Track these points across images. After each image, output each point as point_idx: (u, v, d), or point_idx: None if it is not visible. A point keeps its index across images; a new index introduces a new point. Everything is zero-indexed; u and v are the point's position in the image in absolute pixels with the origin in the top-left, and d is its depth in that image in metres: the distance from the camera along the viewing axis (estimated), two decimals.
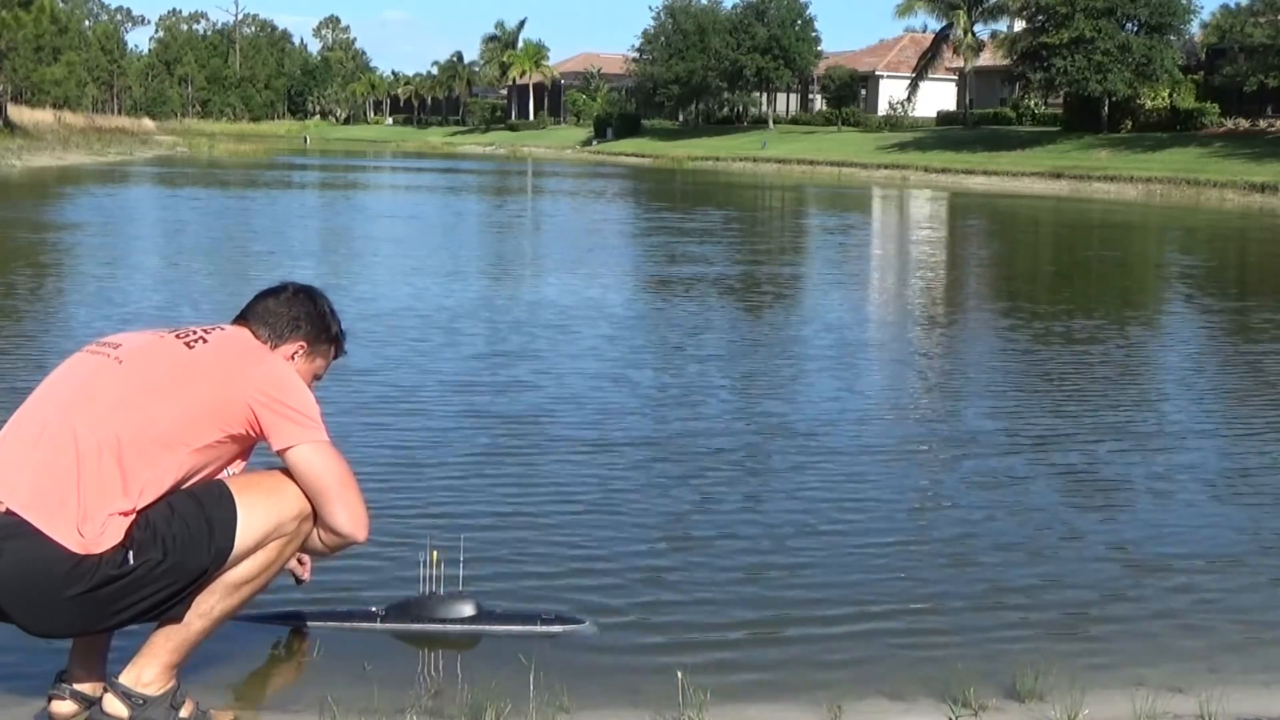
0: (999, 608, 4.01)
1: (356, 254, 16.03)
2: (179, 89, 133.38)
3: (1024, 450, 6.14)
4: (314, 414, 2.93)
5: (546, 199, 32.90)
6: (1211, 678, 3.44)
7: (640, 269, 15.24)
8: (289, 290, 3.16)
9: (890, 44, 77.09)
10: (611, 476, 5.42)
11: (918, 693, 3.34)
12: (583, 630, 3.69)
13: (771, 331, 10.37)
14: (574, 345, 8.85)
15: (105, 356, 2.92)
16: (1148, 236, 24.67)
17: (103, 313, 9.77)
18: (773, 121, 71.08)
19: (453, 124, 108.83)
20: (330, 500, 2.93)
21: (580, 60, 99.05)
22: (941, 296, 13.48)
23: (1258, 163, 40.34)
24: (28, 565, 2.67)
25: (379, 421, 6.30)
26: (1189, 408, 7.38)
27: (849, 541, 4.64)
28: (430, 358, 8.20)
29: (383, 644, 3.55)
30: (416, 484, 5.21)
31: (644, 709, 3.19)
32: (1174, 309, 12.91)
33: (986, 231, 24.50)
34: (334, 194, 31.54)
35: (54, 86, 63.08)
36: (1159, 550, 4.61)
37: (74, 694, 2.97)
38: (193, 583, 2.82)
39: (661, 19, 75.11)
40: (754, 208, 30.95)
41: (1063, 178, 42.93)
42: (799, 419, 6.71)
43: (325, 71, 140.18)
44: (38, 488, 2.72)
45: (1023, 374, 8.47)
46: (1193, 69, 52.16)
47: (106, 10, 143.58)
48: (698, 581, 4.17)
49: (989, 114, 60.06)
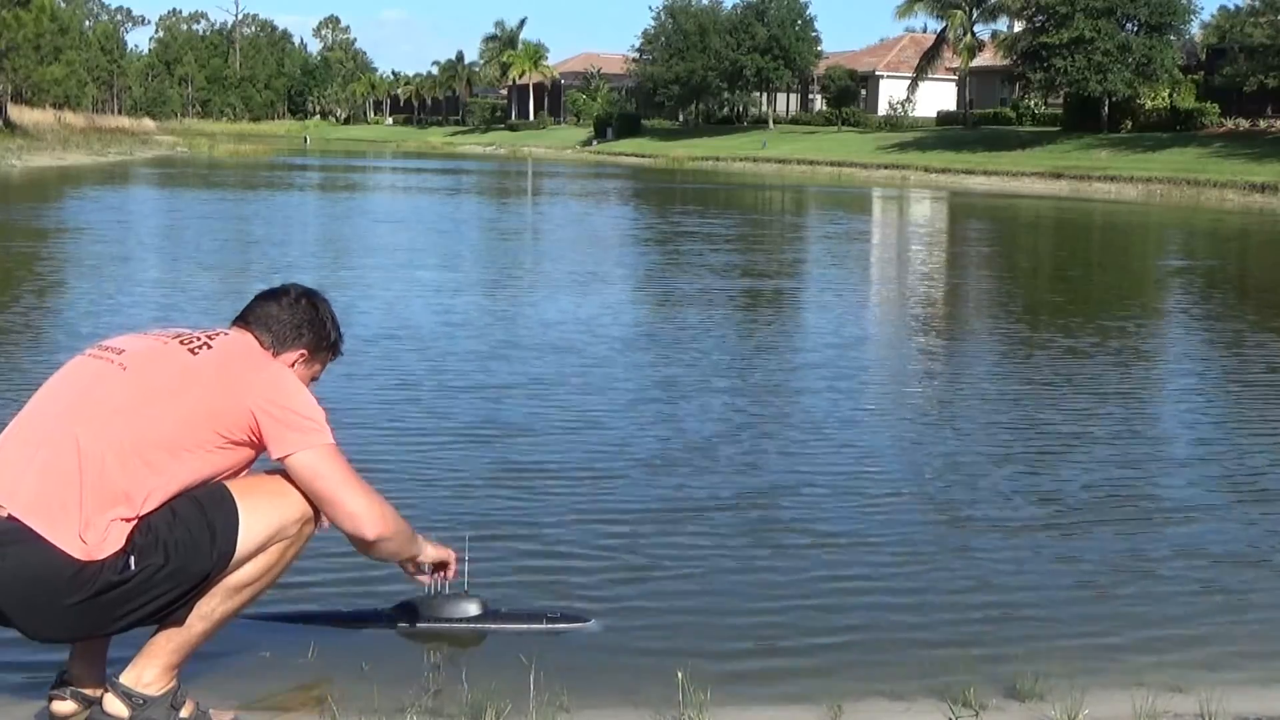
0: (999, 607, 4.01)
1: (356, 255, 16.02)
2: (179, 89, 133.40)
3: (1024, 450, 6.13)
4: (319, 418, 2.92)
5: (546, 200, 32.88)
6: (1211, 678, 3.44)
7: (642, 273, 15.23)
8: (292, 295, 3.14)
9: (890, 44, 77.10)
10: (613, 477, 5.43)
11: (918, 693, 3.34)
12: (589, 628, 3.69)
13: (773, 334, 10.37)
14: (575, 346, 8.85)
15: (108, 361, 2.91)
16: (1171, 237, 24.65)
17: (102, 313, 9.76)
18: (773, 121, 71.07)
19: (453, 124, 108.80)
20: (331, 505, 2.92)
21: (580, 60, 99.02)
22: (974, 302, 13.47)
23: (1258, 163, 40.34)
24: (29, 571, 2.67)
25: (381, 422, 6.30)
26: (1192, 409, 7.38)
27: (849, 541, 4.64)
28: (433, 358, 8.20)
29: (383, 644, 3.55)
30: (421, 483, 5.20)
31: (644, 709, 3.19)
32: (1176, 312, 12.91)
33: (1006, 234, 24.48)
34: (334, 195, 31.52)
35: (54, 86, 63.00)
36: (1159, 550, 4.61)
37: (75, 694, 2.96)
38: (195, 587, 2.82)
39: (661, 19, 75.11)
40: (756, 209, 30.93)
41: (1063, 178, 42.93)
42: (799, 420, 6.71)
43: (325, 71, 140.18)
44: (40, 493, 2.71)
45: (1024, 374, 8.47)
46: (1193, 69, 52.17)
47: (106, 10, 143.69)
48: (698, 581, 4.18)
49: (989, 114, 60.07)
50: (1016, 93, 58.87)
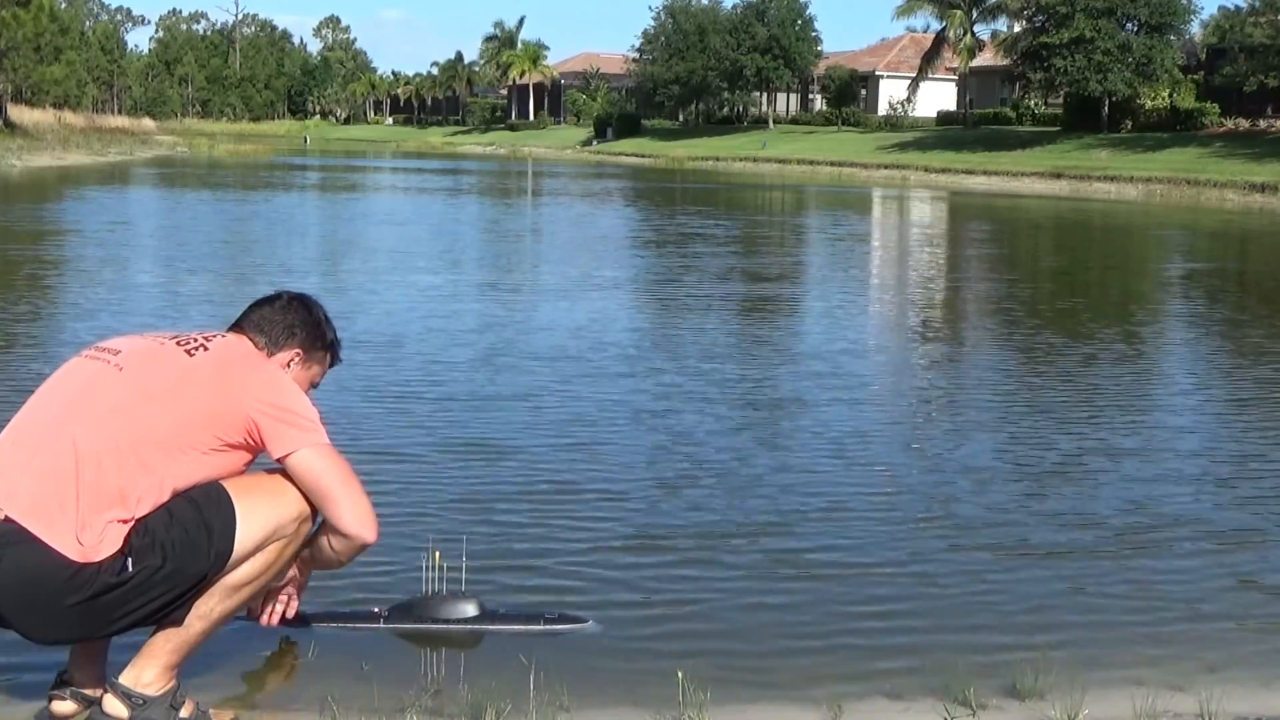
0: (999, 607, 4.01)
1: (359, 256, 16.03)
2: (179, 89, 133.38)
3: (1025, 451, 6.13)
4: (313, 417, 2.93)
5: (547, 200, 32.88)
6: (1211, 677, 3.44)
7: (644, 276, 15.23)
8: (283, 298, 3.18)
9: (890, 44, 77.10)
10: (614, 476, 5.42)
11: (918, 693, 3.34)
12: (586, 629, 3.69)
13: (776, 337, 10.37)
14: (576, 348, 8.85)
15: (104, 363, 2.91)
16: (1177, 239, 24.65)
17: (100, 314, 9.76)
18: (773, 121, 71.08)
19: (453, 124, 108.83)
20: (334, 502, 2.92)
21: (580, 60, 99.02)
22: (986, 307, 13.46)
23: (1258, 163, 40.33)
24: (27, 573, 2.67)
25: (380, 422, 6.30)
26: (1196, 410, 7.38)
27: (848, 541, 4.64)
28: (431, 364, 8.20)
29: (383, 644, 3.55)
30: (418, 484, 5.20)
31: (644, 709, 3.19)
32: (1193, 317, 12.90)
33: (1010, 235, 24.48)
34: (334, 195, 31.52)
35: (54, 86, 63.02)
36: (1159, 550, 4.61)
37: (74, 694, 2.96)
38: (193, 587, 2.82)
39: (661, 19, 75.12)
40: (757, 210, 30.93)
41: (1063, 178, 42.93)
42: (800, 421, 6.70)
43: (325, 71, 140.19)
44: (37, 494, 2.71)
45: (1027, 374, 8.47)
46: (1193, 69, 52.16)
47: (106, 10, 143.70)
48: (698, 581, 4.17)
49: (989, 114, 60.07)
50: (1016, 93, 58.87)
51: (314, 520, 2.99)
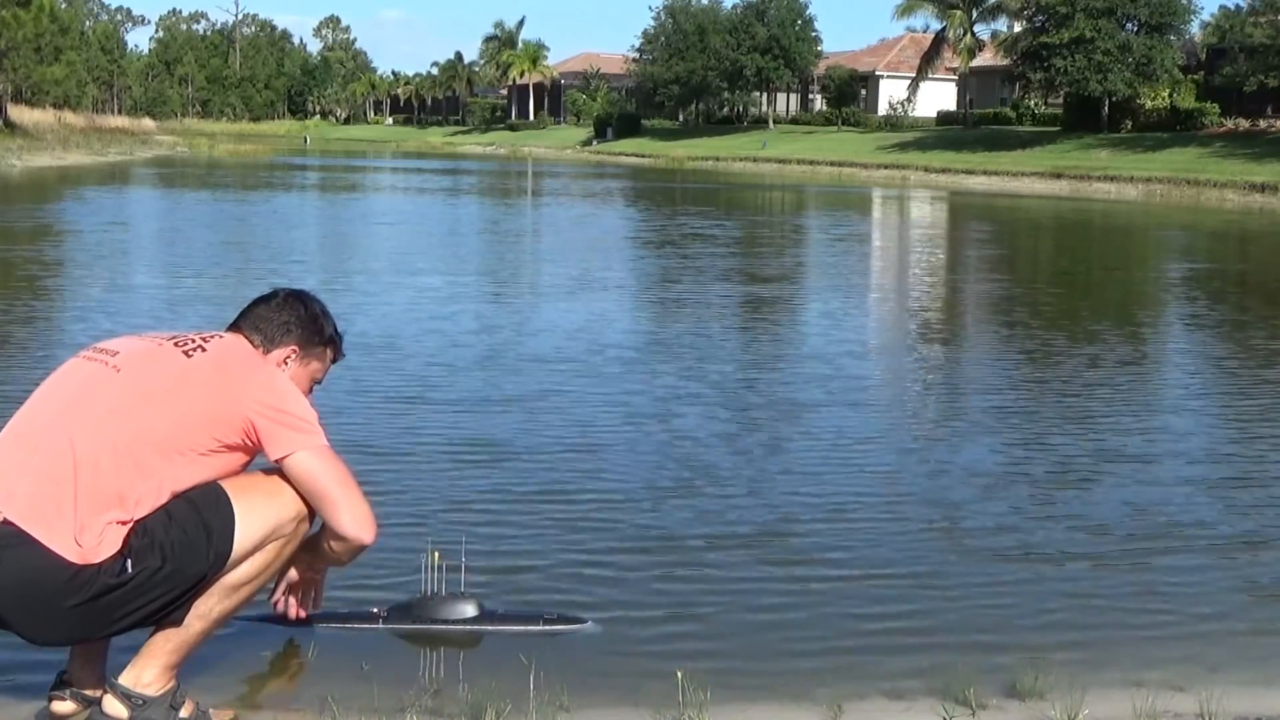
0: (999, 607, 4.01)
1: (360, 258, 16.03)
2: (179, 89, 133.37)
3: (1025, 451, 6.13)
4: (311, 419, 2.92)
5: (547, 200, 32.88)
6: (1211, 677, 3.44)
7: (645, 277, 15.23)
8: (279, 296, 3.17)
9: (890, 44, 77.10)
10: (612, 478, 5.42)
11: (918, 693, 3.34)
12: (585, 629, 3.69)
13: (776, 339, 10.37)
14: (576, 349, 8.85)
15: (102, 364, 2.91)
16: (1178, 239, 24.65)
17: (98, 315, 9.76)
18: (773, 121, 71.08)
19: (453, 124, 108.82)
20: (332, 504, 2.92)
21: (580, 60, 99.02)
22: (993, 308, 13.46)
23: (1258, 163, 40.33)
24: (26, 575, 2.67)
25: (380, 423, 6.30)
26: (1196, 412, 7.38)
27: (848, 542, 4.64)
28: (433, 361, 8.20)
29: (383, 644, 3.55)
30: (418, 485, 5.20)
31: (644, 709, 3.19)
32: (1198, 318, 12.90)
33: (1011, 235, 24.48)
34: (335, 195, 31.52)
35: (54, 86, 63.02)
36: (1159, 551, 4.61)
37: (74, 694, 2.96)
38: (192, 588, 2.82)
39: (661, 19, 75.12)
40: (757, 210, 30.92)
41: (1063, 178, 42.93)
42: (801, 423, 6.70)
43: (325, 71, 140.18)
44: (35, 496, 2.71)
45: (1027, 375, 8.47)
46: (1193, 69, 52.15)
47: (106, 10, 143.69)
48: (698, 582, 4.17)
49: (989, 114, 60.06)
50: (1016, 93, 58.86)
51: (312, 520, 2.98)
